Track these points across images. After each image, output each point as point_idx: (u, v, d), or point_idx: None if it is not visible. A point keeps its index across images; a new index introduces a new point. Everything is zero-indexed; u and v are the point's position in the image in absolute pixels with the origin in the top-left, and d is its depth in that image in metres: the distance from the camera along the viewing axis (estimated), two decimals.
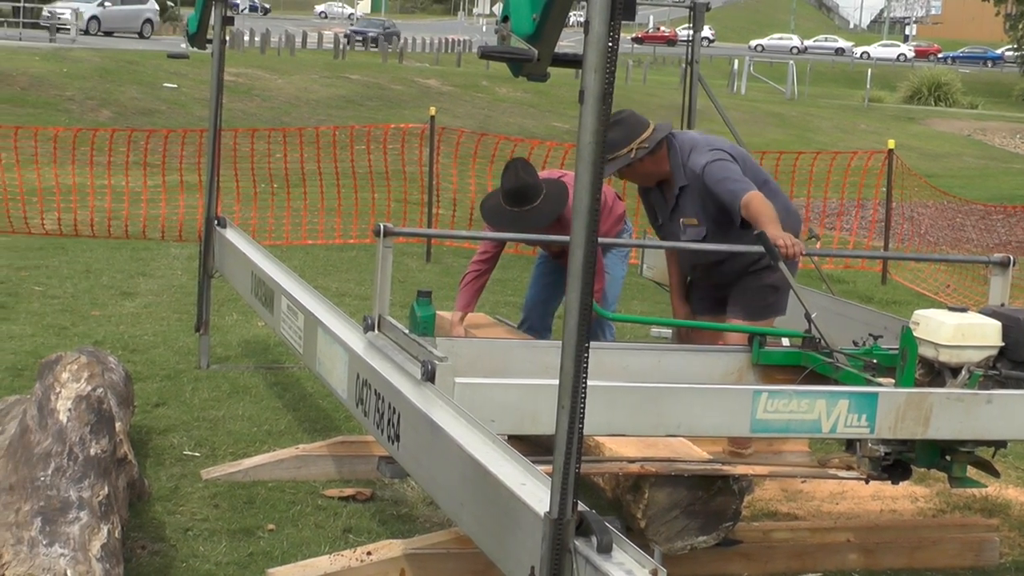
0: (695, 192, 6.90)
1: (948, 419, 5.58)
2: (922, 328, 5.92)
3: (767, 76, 62.92)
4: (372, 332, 5.81)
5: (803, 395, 5.48)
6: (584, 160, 3.38)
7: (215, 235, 8.90)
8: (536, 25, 3.72)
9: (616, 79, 3.34)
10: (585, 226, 3.39)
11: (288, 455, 6.96)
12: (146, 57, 36.31)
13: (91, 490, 4.91)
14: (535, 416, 5.19)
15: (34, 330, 9.80)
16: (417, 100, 34.61)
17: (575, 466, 3.50)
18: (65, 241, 14.42)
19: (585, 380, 3.46)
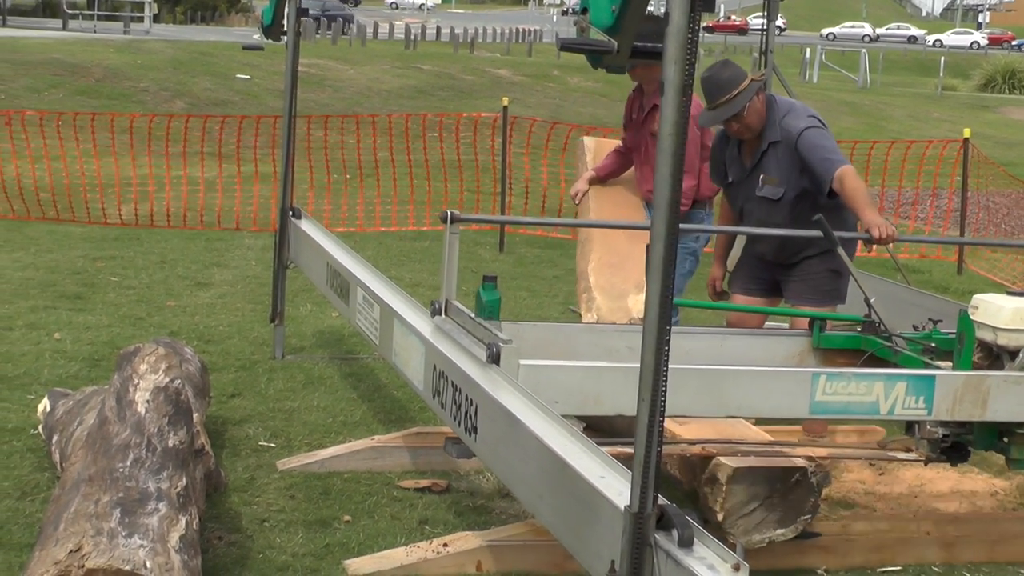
0: (784, 152, 6.95)
1: (1006, 401, 5.65)
2: (981, 312, 6.05)
3: (839, 65, 62.43)
4: (439, 316, 5.94)
5: (861, 377, 5.59)
6: (664, 152, 3.35)
7: (290, 226, 8.93)
8: (615, 17, 3.70)
9: None
10: (666, 218, 3.36)
11: (364, 446, 6.96)
12: (219, 48, 36.53)
13: (169, 481, 4.93)
14: (598, 398, 5.34)
15: (110, 321, 9.86)
16: (488, 90, 34.60)
17: (656, 459, 3.47)
18: (140, 231, 14.51)
19: (666, 373, 3.44)
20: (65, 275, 11.56)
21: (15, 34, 38.50)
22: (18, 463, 6.59)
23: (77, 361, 8.63)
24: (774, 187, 7.01)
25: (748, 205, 7.20)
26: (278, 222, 9.09)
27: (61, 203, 15.38)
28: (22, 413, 7.35)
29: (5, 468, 6.50)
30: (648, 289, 3.44)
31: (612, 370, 5.39)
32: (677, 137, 3.31)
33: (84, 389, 6.82)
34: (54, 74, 29.13)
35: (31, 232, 13.97)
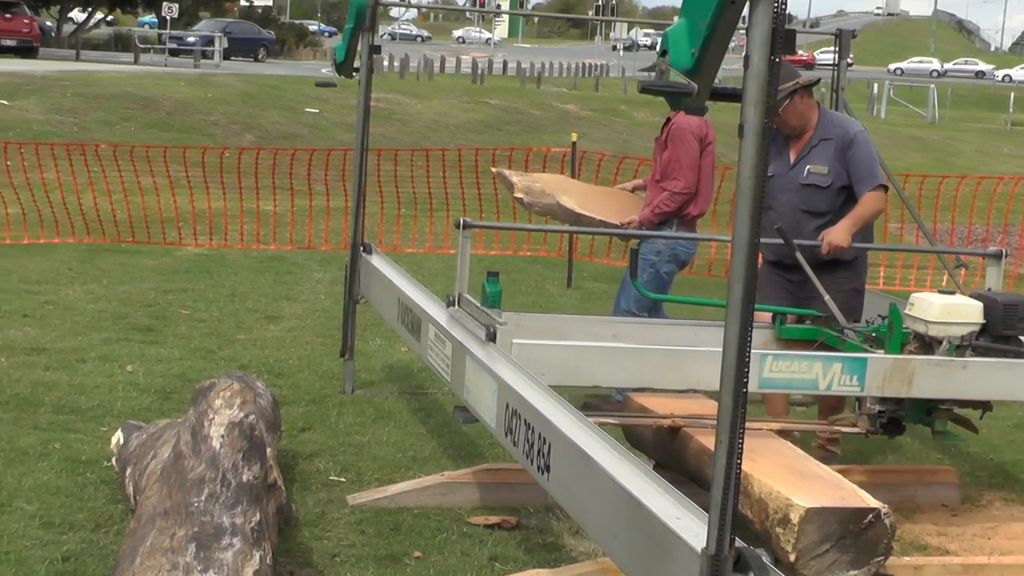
0: (836, 147, 7.68)
1: (929, 381, 6.61)
2: (916, 308, 6.92)
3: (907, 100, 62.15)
4: (453, 307, 6.96)
5: (803, 359, 6.56)
6: (744, 194, 3.35)
7: (361, 261, 8.97)
8: (695, 59, 3.71)
9: None
10: (745, 259, 3.36)
11: (433, 482, 6.98)
12: (288, 82, 36.80)
13: (244, 516, 4.96)
14: (578, 371, 6.37)
15: (181, 353, 9.94)
16: (555, 125, 34.67)
17: (733, 502, 3.47)
18: (211, 264, 14.62)
19: (743, 417, 3.43)
20: (137, 307, 11.66)
21: (88, 68, 38.94)
22: (92, 495, 6.64)
23: (149, 394, 8.70)
24: (822, 176, 7.68)
25: (787, 195, 7.77)
26: (349, 257, 9.14)
27: (134, 234, 15.51)
28: (95, 445, 7.41)
29: (79, 500, 6.55)
30: (726, 332, 3.43)
31: (590, 348, 6.62)
32: (756, 180, 3.32)
33: (157, 422, 6.87)
34: (126, 107, 29.43)
35: (103, 264, 14.10)
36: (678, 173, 8.77)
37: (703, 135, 8.82)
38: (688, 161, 8.76)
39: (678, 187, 8.75)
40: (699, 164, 8.82)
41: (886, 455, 8.33)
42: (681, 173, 8.76)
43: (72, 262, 14.10)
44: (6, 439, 7.45)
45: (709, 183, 8.99)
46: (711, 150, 8.92)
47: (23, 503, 6.45)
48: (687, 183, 8.76)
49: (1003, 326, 6.84)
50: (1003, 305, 6.85)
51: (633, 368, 6.47)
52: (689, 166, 8.76)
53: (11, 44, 49.41)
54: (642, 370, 6.48)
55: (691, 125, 8.79)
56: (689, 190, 8.78)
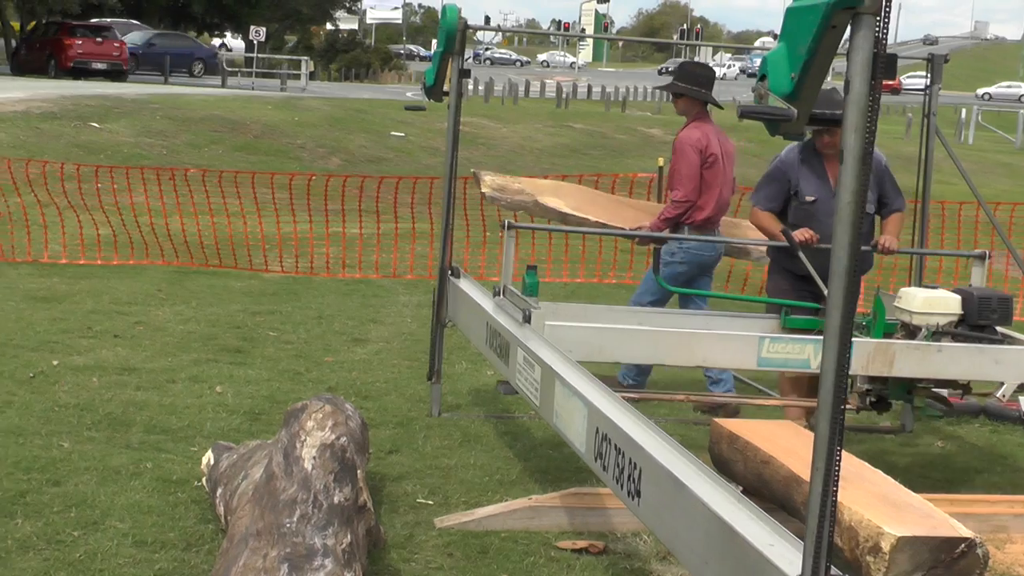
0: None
1: (907, 363, 7.57)
2: (903, 300, 7.90)
3: (995, 125, 61.49)
4: (499, 297, 8.08)
5: (796, 341, 7.61)
6: (844, 221, 3.34)
7: (449, 285, 9.00)
8: (794, 84, 3.70)
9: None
10: (843, 287, 3.34)
11: (521, 505, 6.98)
12: (374, 106, 37.01)
13: (335, 538, 4.99)
14: (601, 349, 7.45)
15: (270, 375, 10.00)
16: (640, 149, 34.66)
17: (829, 529, 3.45)
18: (297, 286, 14.71)
19: (840, 444, 3.41)
20: (225, 329, 11.75)
21: (177, 91, 39.37)
22: (183, 514, 6.70)
23: (238, 414, 8.76)
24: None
25: (831, 220, 7.83)
26: (437, 281, 9.17)
27: (221, 257, 15.66)
28: (186, 465, 7.48)
29: (170, 519, 6.61)
30: (824, 360, 3.42)
31: (611, 329, 7.63)
32: (856, 205, 3.30)
33: (247, 443, 6.92)
34: (214, 130, 29.71)
35: (192, 286, 14.23)
36: (678, 183, 9.69)
37: (703, 147, 9.70)
38: (687, 172, 9.65)
39: (678, 196, 9.64)
40: (701, 175, 9.66)
41: (974, 484, 8.26)
42: (680, 183, 9.67)
43: (161, 283, 14.25)
44: (99, 458, 7.54)
45: (716, 191, 9.77)
46: (714, 161, 9.74)
47: (116, 521, 6.52)
48: (686, 192, 9.61)
49: (978, 316, 7.81)
50: (978, 299, 7.83)
51: (648, 347, 7.61)
52: (688, 176, 9.63)
53: (102, 67, 50.11)
54: (655, 349, 7.61)
55: (691, 139, 9.72)
56: (688, 199, 9.63)
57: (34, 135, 26.19)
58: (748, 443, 6.50)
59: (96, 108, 29.99)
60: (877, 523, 5.36)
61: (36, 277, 14.22)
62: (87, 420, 8.40)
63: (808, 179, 8.66)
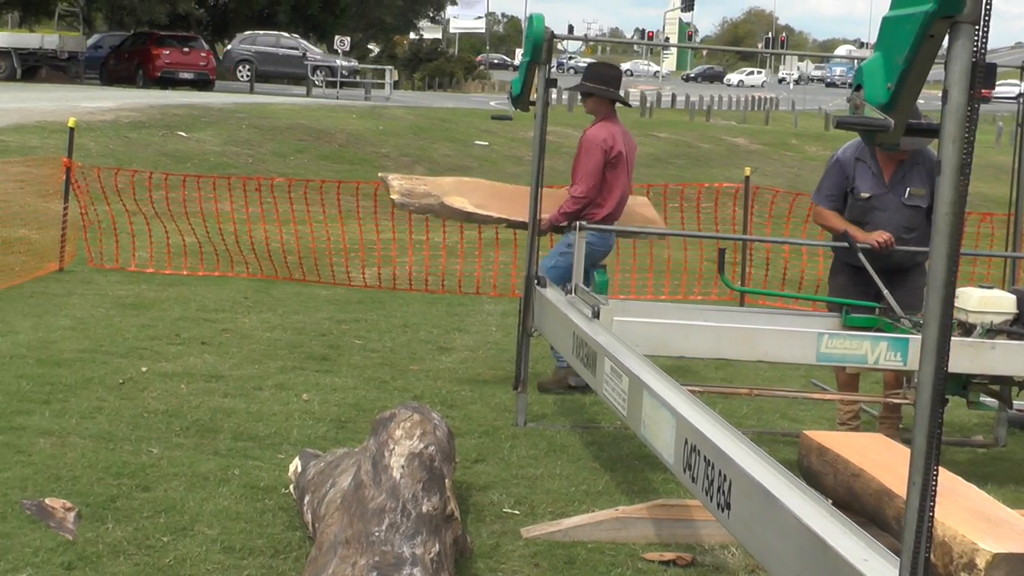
0: (928, 171, 8.71)
1: (962, 358, 7.64)
2: (959, 299, 7.86)
3: None
4: (570, 295, 8.47)
5: (854, 338, 7.87)
6: (940, 232, 3.30)
7: (535, 294, 9.00)
8: (891, 94, 3.66)
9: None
10: (941, 300, 3.30)
11: (608, 516, 6.95)
12: (458, 115, 37.12)
13: (423, 547, 4.99)
14: (664, 343, 7.87)
15: (356, 383, 10.04)
16: (725, 159, 34.55)
17: (927, 544, 3.40)
18: (383, 295, 14.77)
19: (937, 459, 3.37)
20: (311, 337, 11.81)
21: (262, 100, 39.66)
22: (270, 521, 6.73)
23: (325, 422, 8.80)
24: (922, 197, 8.75)
25: (888, 214, 8.85)
26: (523, 290, 9.17)
27: (307, 266, 15.75)
28: (273, 472, 7.51)
29: (258, 526, 6.64)
30: (921, 370, 3.38)
31: (675, 324, 8.01)
32: (954, 216, 3.26)
33: (335, 451, 6.94)
34: (299, 139, 29.90)
35: (278, 294, 14.32)
36: (579, 180, 9.95)
37: (609, 147, 9.95)
38: (591, 169, 9.90)
39: (579, 192, 9.93)
40: (604, 174, 9.93)
41: None
42: (583, 180, 9.92)
43: (248, 291, 14.34)
44: (187, 464, 7.59)
45: (618, 192, 10.10)
46: (619, 161, 10.02)
47: (204, 527, 6.56)
48: (587, 189, 9.90)
49: None
50: None
51: (711, 341, 7.88)
52: (591, 174, 9.90)
53: (189, 77, 50.68)
54: (718, 343, 7.89)
55: (598, 138, 9.96)
56: (588, 196, 9.92)
57: (123, 144, 26.47)
58: (838, 456, 6.45)
59: (183, 117, 30.27)
60: (972, 539, 5.30)
61: (125, 284, 14.36)
62: (176, 426, 8.46)
63: (864, 176, 8.85)
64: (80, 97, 35.37)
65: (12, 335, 11.09)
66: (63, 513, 6.55)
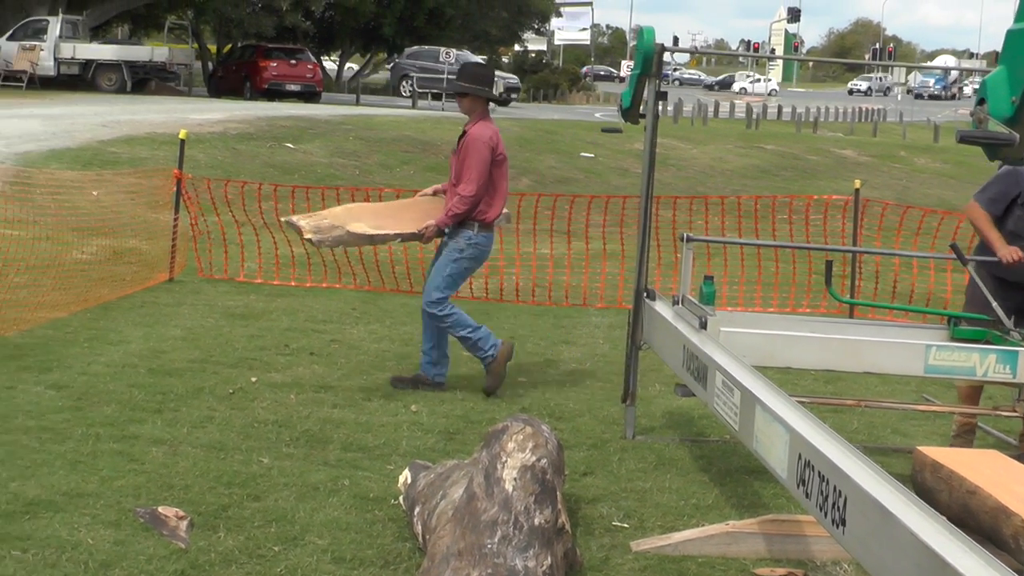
0: None
1: None
2: None
3: None
4: (678, 306, 8.57)
5: (963, 350, 7.83)
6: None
7: (644, 307, 8.96)
8: (1016, 108, 3.59)
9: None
10: None
11: (718, 531, 6.90)
12: (564, 127, 37.13)
13: (536, 560, 4.98)
14: (771, 354, 7.86)
15: (464, 394, 10.05)
16: (833, 171, 34.28)
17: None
18: (489, 306, 14.78)
19: None
20: (419, 348, 11.82)
21: (368, 112, 39.88)
22: (380, 532, 6.75)
23: (433, 434, 8.82)
24: None
25: None
26: (633, 303, 9.14)
27: (414, 277, 15.79)
28: (382, 483, 7.54)
29: (368, 536, 6.66)
30: None
31: (782, 336, 8.06)
32: None
33: (444, 462, 6.95)
34: (405, 151, 30.02)
35: (385, 304, 14.37)
36: (468, 179, 9.92)
37: (494, 146, 10.03)
38: (478, 168, 9.91)
39: (468, 192, 9.90)
40: (491, 172, 9.97)
41: None
42: (470, 179, 9.91)
43: (355, 302, 14.41)
44: (297, 474, 7.64)
45: (503, 190, 10.22)
46: (502, 160, 10.14)
47: (315, 538, 6.59)
48: (475, 188, 9.89)
49: None
50: None
51: (817, 353, 7.91)
52: (480, 173, 9.91)
53: (296, 89, 51.15)
54: (824, 354, 7.91)
55: (484, 136, 9.99)
56: (477, 195, 9.92)
57: (231, 155, 26.72)
58: (953, 472, 6.36)
59: (290, 129, 30.51)
60: None
61: (233, 295, 14.49)
62: (285, 436, 8.52)
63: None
64: (189, 109, 35.77)
65: (124, 345, 11.23)
66: (176, 521, 6.61)
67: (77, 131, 27.42)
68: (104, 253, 15.55)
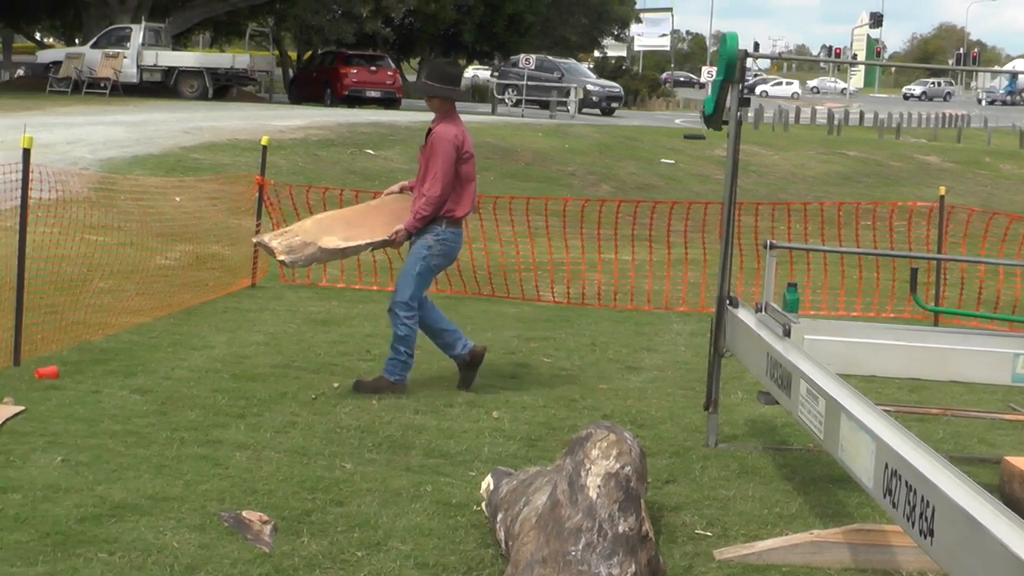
0: None
1: None
2: None
3: None
4: (761, 313, 8.42)
5: None
6: None
7: (727, 314, 8.92)
8: None
9: None
10: None
11: (802, 540, 6.85)
12: (644, 133, 37.08)
13: (620, 567, 4.97)
14: (855, 362, 8.05)
15: (545, 401, 10.04)
16: (916, 177, 34.03)
17: None
18: (570, 312, 14.78)
19: None
20: (500, 354, 11.84)
21: None
22: (463, 538, 6.75)
23: (515, 440, 8.81)
24: None
25: None
26: (715, 310, 9.09)
27: (496, 282, 15.82)
28: (464, 489, 7.54)
29: (451, 542, 6.67)
30: None
31: (867, 344, 8.15)
32: None
33: (527, 469, 6.95)
34: (486, 157, 30.03)
35: (466, 311, 14.39)
36: (433, 179, 9.91)
37: (460, 144, 9.99)
38: (444, 168, 9.89)
39: (434, 192, 9.89)
40: (457, 171, 9.95)
41: None
42: (436, 179, 9.90)
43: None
44: (380, 480, 7.66)
45: (473, 187, 10.21)
46: (469, 157, 10.10)
47: (398, 543, 6.60)
48: (440, 189, 9.87)
49: None
50: None
51: (902, 361, 8.07)
52: (445, 172, 9.89)
53: (376, 95, 51.36)
54: (910, 363, 8.10)
55: (448, 135, 9.96)
56: (443, 196, 9.91)
57: (312, 162, 26.88)
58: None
59: (370, 135, 30.65)
60: None
61: (315, 301, 14.57)
62: (368, 442, 8.55)
63: None
64: (270, 116, 36.02)
65: (207, 350, 11.31)
66: (260, 526, 6.65)
67: (160, 137, 27.69)
68: (187, 258, 15.70)
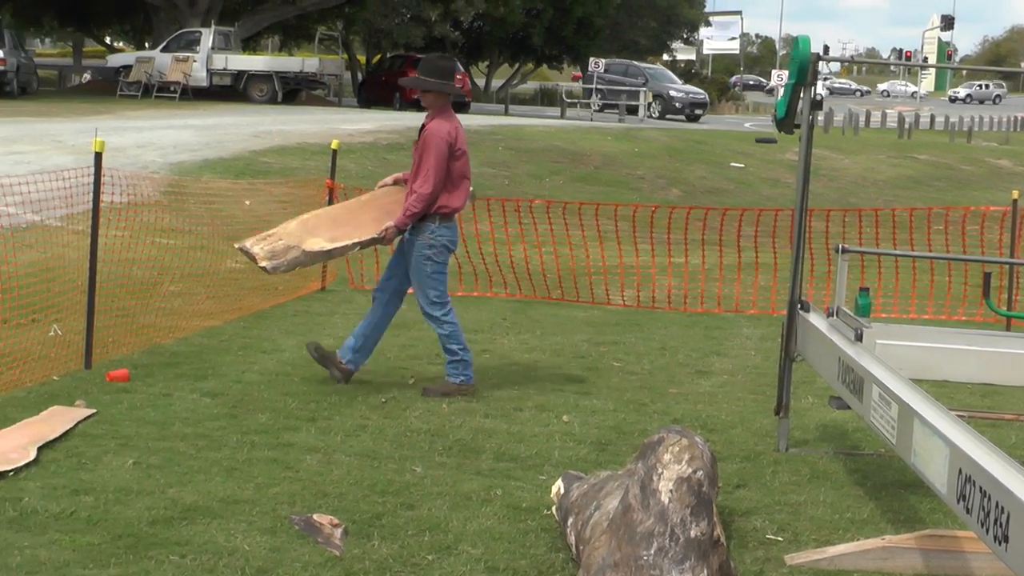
0: None
1: None
2: None
3: None
4: (832, 317, 8.38)
5: None
6: None
7: (798, 319, 8.88)
8: None
9: None
10: None
11: (874, 545, 6.81)
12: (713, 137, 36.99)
13: (692, 572, 4.97)
14: (929, 367, 7.97)
15: (615, 405, 10.03)
16: (987, 181, 33.77)
17: None
18: (639, 316, 14.76)
19: None
20: (569, 358, 11.85)
21: (517, 122, 40.02)
22: (533, 542, 6.75)
23: (585, 444, 8.81)
24: None
25: None
26: (787, 314, 9.05)
27: (565, 286, 15.82)
28: (535, 493, 7.54)
29: (521, 546, 6.67)
30: None
31: (940, 349, 8.11)
32: None
33: (597, 473, 6.94)
34: (554, 161, 30.10)
35: (535, 315, 14.41)
36: (424, 176, 9.91)
37: (453, 140, 9.99)
38: (436, 165, 9.88)
39: (425, 189, 9.88)
40: (448, 167, 9.94)
41: None
42: (427, 176, 9.90)
43: (506, 312, 14.47)
44: (450, 483, 7.68)
45: (466, 183, 10.21)
46: (462, 154, 10.09)
47: (468, 547, 6.61)
48: (431, 185, 9.87)
49: None
50: None
51: (976, 366, 8.00)
52: (437, 169, 9.88)
53: None
54: (984, 368, 8.03)
55: (442, 131, 9.97)
56: (434, 193, 9.90)
57: (381, 165, 26.96)
58: None
59: None
60: None
61: None
62: (438, 446, 8.56)
63: None
64: (339, 119, 36.18)
65: (277, 353, 11.38)
66: (330, 529, 6.68)
67: (229, 141, 27.86)
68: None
